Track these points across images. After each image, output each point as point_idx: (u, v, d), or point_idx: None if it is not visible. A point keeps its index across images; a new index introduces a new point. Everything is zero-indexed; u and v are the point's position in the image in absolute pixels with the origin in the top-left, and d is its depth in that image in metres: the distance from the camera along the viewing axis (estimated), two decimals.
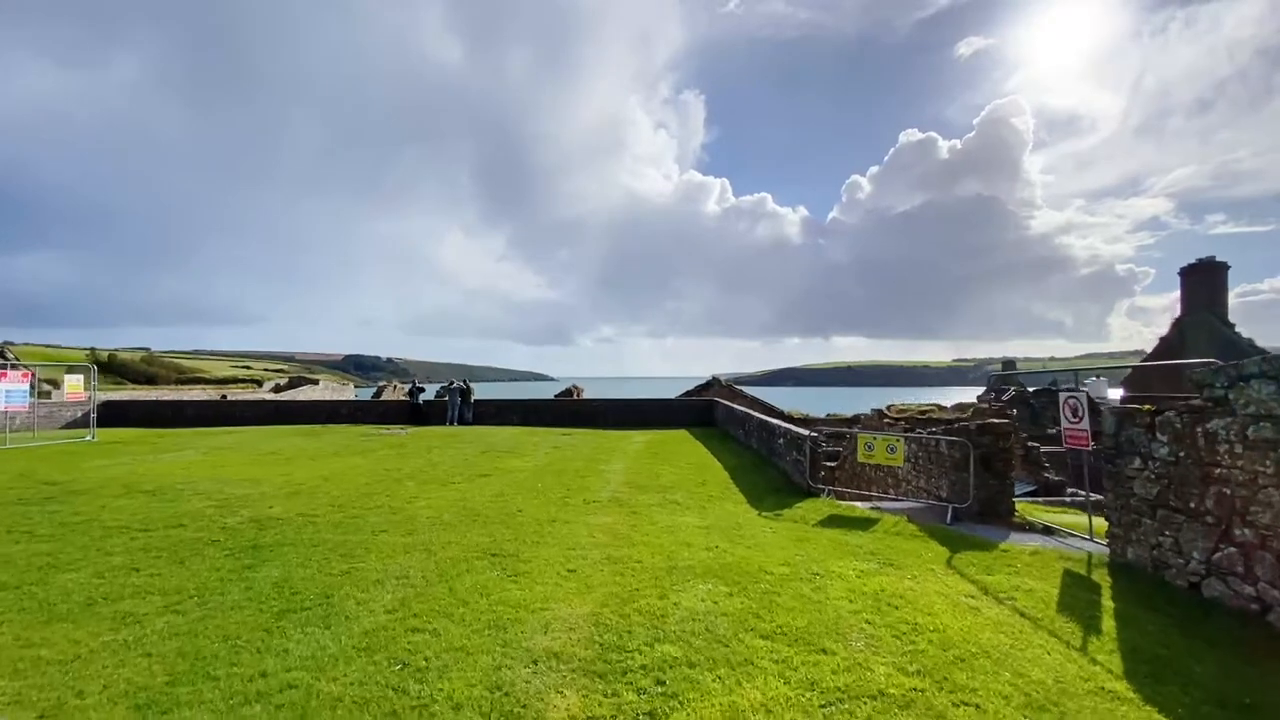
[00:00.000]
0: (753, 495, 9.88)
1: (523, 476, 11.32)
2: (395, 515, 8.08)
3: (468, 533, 7.17)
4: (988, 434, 8.85)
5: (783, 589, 5.32)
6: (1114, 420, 6.17)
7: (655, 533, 7.23)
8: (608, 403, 25.49)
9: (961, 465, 9.15)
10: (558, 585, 5.36)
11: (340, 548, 6.56)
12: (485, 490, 9.89)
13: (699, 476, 11.45)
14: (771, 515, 8.50)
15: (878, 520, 8.27)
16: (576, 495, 9.52)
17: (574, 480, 10.91)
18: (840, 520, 8.26)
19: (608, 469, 12.24)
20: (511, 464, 12.86)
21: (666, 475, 11.54)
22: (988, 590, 5.43)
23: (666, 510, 8.54)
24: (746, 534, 7.28)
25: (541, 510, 8.41)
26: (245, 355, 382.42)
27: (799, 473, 10.69)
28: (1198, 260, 24.56)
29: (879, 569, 6.00)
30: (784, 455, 11.96)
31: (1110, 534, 6.36)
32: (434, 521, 7.71)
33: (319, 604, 4.95)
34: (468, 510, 8.37)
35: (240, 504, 8.75)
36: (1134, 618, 4.89)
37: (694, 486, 10.46)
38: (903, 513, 9.15)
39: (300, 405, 25.64)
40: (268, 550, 6.49)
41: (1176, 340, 24.83)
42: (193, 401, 26.53)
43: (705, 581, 5.50)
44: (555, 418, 24.36)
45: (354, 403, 26.34)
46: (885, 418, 18.88)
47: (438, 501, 8.96)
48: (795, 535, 7.32)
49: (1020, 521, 8.58)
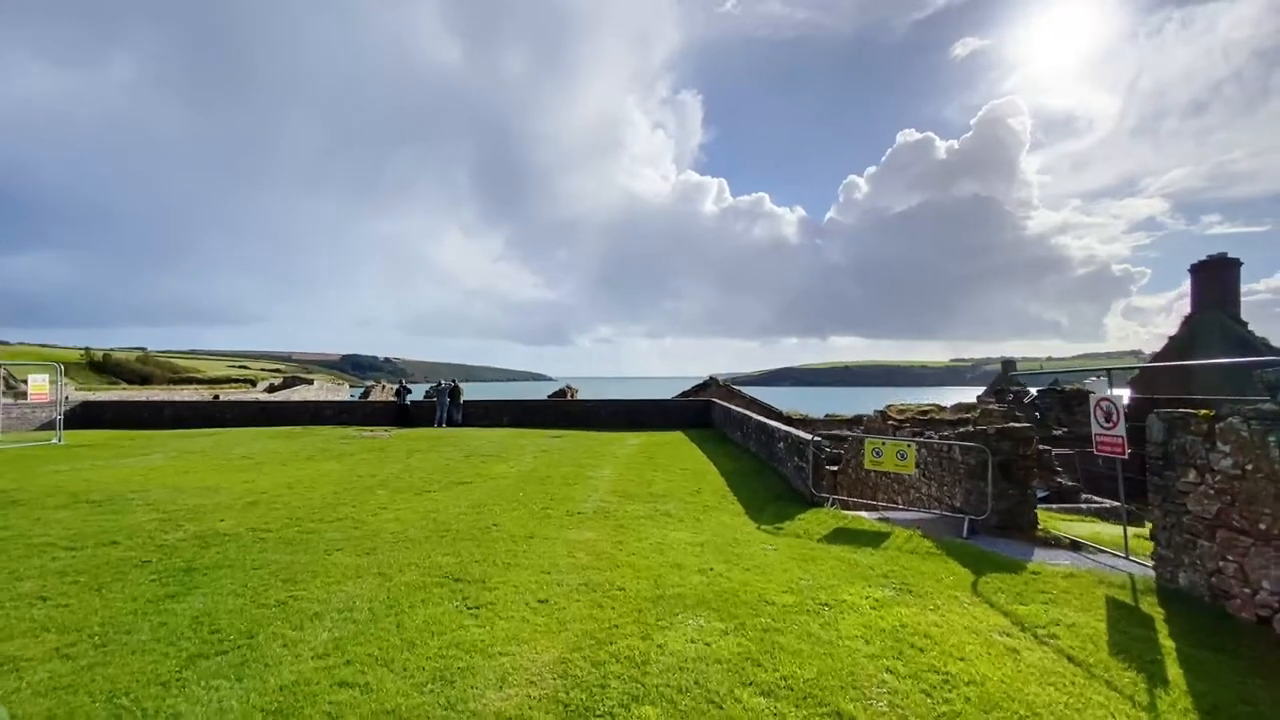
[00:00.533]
0: (751, 505, 9.12)
1: (505, 484, 10.55)
2: (356, 530, 7.30)
3: (432, 552, 6.39)
4: (1007, 439, 8.10)
5: (787, 624, 4.56)
6: (1163, 426, 5.42)
7: (643, 551, 6.47)
8: (601, 403, 24.72)
9: (977, 473, 8.41)
10: (524, 621, 4.59)
11: (284, 571, 5.78)
12: (461, 500, 9.11)
13: (693, 484, 10.69)
14: (772, 529, 7.74)
15: (888, 535, 7.52)
16: (560, 506, 8.75)
17: (559, 488, 10.14)
18: (848, 535, 7.51)
19: (596, 475, 11.47)
20: (494, 470, 12.09)
21: (659, 482, 10.77)
22: (1024, 625, 4.67)
23: (657, 523, 7.78)
24: (745, 552, 6.52)
25: (519, 524, 7.64)
26: (242, 355, 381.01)
27: (800, 480, 9.94)
28: (1208, 257, 23.85)
29: (896, 596, 5.24)
30: (784, 460, 11.21)
31: (1157, 556, 5.61)
32: (397, 538, 6.93)
33: (239, 646, 4.18)
34: (438, 524, 7.59)
35: (189, 517, 7.96)
36: (1201, 662, 4.14)
37: (688, 495, 9.70)
38: (914, 524, 8.41)
39: (284, 406, 24.82)
40: (201, 574, 5.71)
41: (1186, 339, 24.13)
42: (172, 402, 25.70)
43: (697, 614, 4.74)
44: (547, 419, 23.58)
45: (340, 404, 25.55)
46: (889, 419, 18.15)
47: (407, 514, 8.18)
48: (799, 553, 6.56)
49: (1044, 536, 7.83)
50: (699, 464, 13.04)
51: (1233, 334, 22.97)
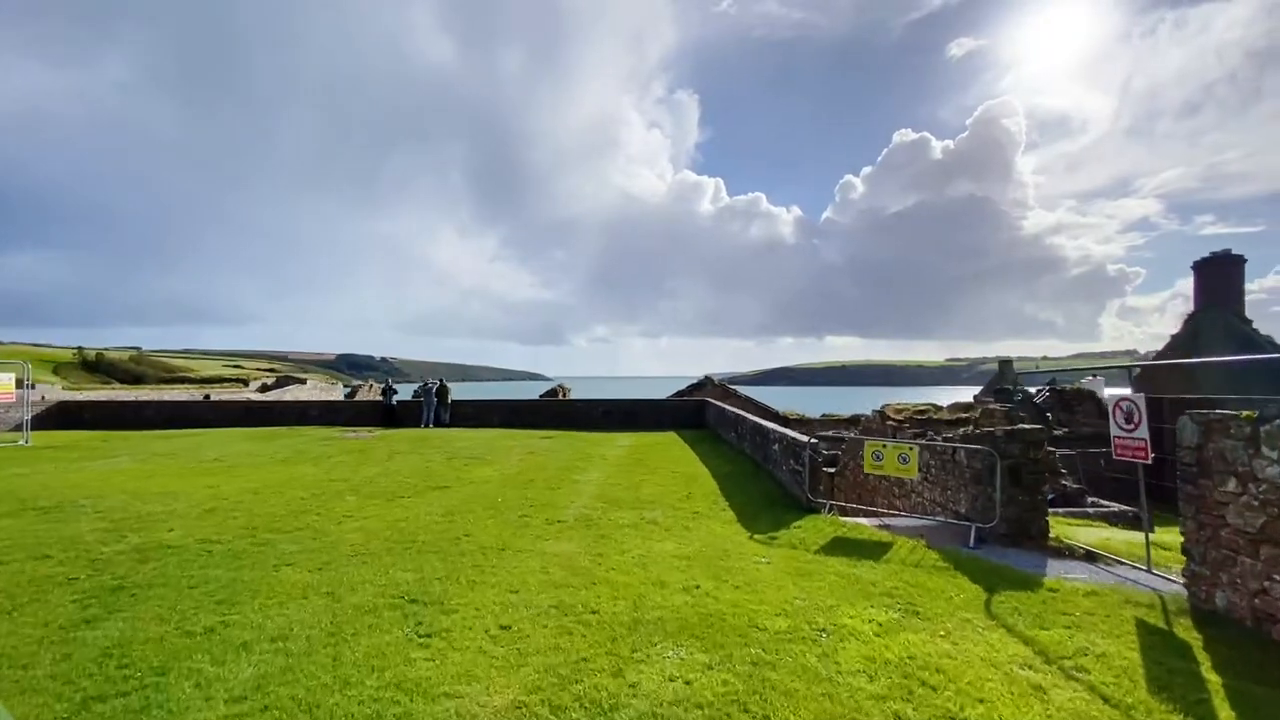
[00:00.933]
0: (744, 512, 8.57)
1: (485, 489, 9.99)
2: (315, 541, 6.73)
3: (392, 566, 5.82)
4: (1016, 441, 7.56)
5: (780, 656, 4.01)
6: (1197, 429, 4.89)
7: (624, 565, 5.91)
8: (593, 403, 24.15)
9: (984, 477, 7.88)
10: (481, 652, 4.03)
11: (224, 589, 5.21)
12: (435, 507, 8.54)
13: (684, 488, 10.14)
14: (766, 539, 7.18)
15: (890, 545, 6.98)
16: (540, 513, 8.18)
17: (541, 493, 9.58)
18: (847, 545, 6.96)
19: (583, 479, 10.91)
20: (476, 473, 11.52)
21: (647, 487, 10.22)
22: (1048, 655, 4.13)
23: (641, 533, 7.21)
24: (735, 566, 5.97)
25: (492, 534, 7.07)
26: (237, 355, 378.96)
27: (797, 484, 9.40)
28: (1211, 254, 23.43)
29: (902, 619, 4.70)
30: (780, 464, 10.67)
31: (1189, 573, 5.08)
32: (357, 551, 6.36)
33: (145, 686, 3.61)
34: (404, 534, 7.02)
35: (137, 525, 7.37)
36: (1256, 700, 3.61)
37: (677, 501, 9.15)
38: (917, 532, 7.88)
39: (269, 406, 24.21)
40: (130, 594, 5.13)
41: (1189, 337, 23.68)
42: (153, 402, 25.05)
43: (678, 643, 4.18)
44: (538, 419, 23.01)
45: (326, 404, 24.91)
46: (887, 419, 17.60)
47: (374, 522, 7.61)
48: (795, 567, 6.01)
49: (1056, 546, 7.30)
50: (691, 467, 12.49)
51: (1237, 332, 22.55)
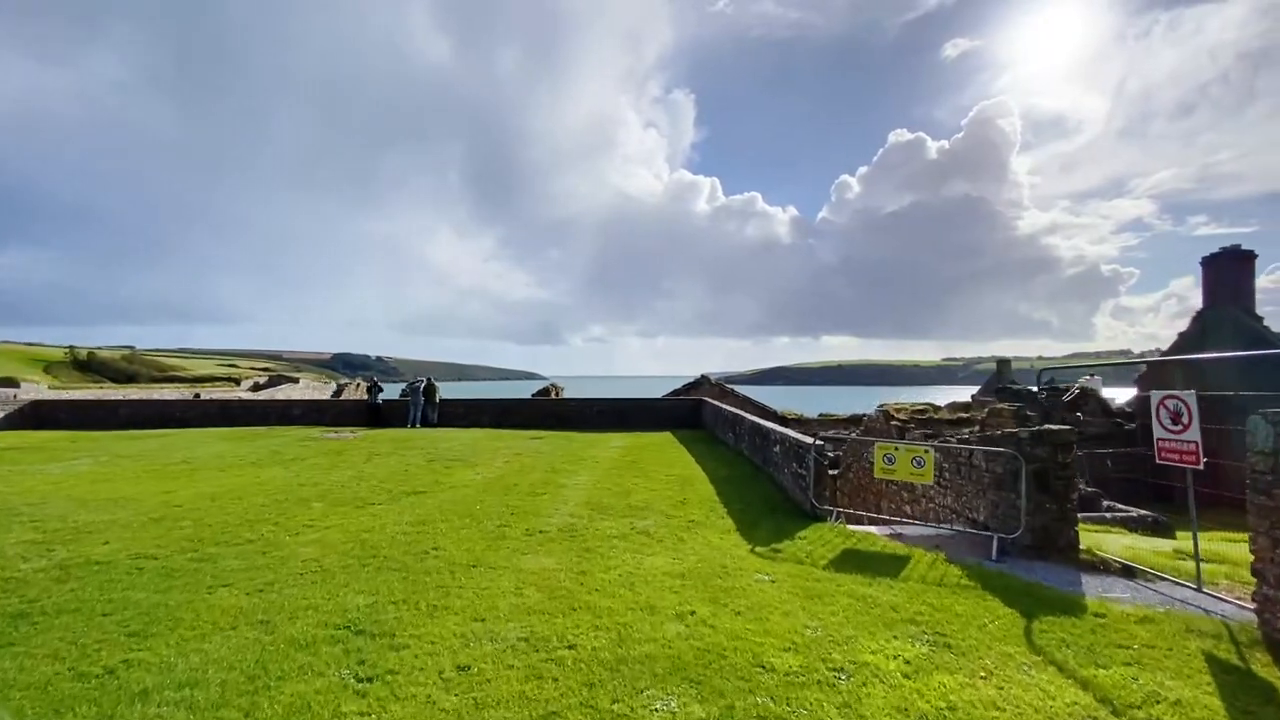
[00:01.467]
0: (744, 520, 7.87)
1: (464, 494, 9.26)
2: (264, 556, 6.00)
3: (345, 587, 5.10)
4: (1044, 444, 6.88)
5: (793, 707, 3.31)
6: (1272, 431, 4.21)
7: (610, 586, 5.20)
8: (587, 403, 23.42)
9: (1006, 483, 7.20)
10: (429, 703, 3.31)
11: (141, 617, 4.48)
12: (406, 515, 7.81)
13: (679, 493, 9.43)
14: (768, 551, 6.48)
15: (907, 559, 6.29)
16: (520, 522, 7.46)
17: (524, 499, 8.86)
18: (859, 559, 6.27)
19: (571, 483, 10.19)
20: (457, 477, 10.79)
21: (640, 491, 9.51)
22: (1114, 705, 3.43)
23: (631, 546, 6.50)
24: (735, 586, 5.26)
25: (465, 547, 6.34)
26: (232, 354, 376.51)
27: (800, 489, 8.72)
28: (1221, 249, 22.84)
29: (932, 654, 4.00)
30: (781, 466, 9.98)
31: (1262, 597, 4.40)
32: (309, 568, 5.64)
33: None
34: (366, 547, 6.30)
35: (70, 537, 6.63)
36: None
37: (671, 507, 8.44)
38: (932, 543, 7.20)
39: (251, 406, 23.41)
40: (31, 622, 4.40)
41: (1198, 335, 23.10)
42: (130, 402, 24.19)
43: (668, 689, 3.48)
44: (529, 419, 22.27)
45: (310, 403, 24.10)
46: (892, 419, 16.87)
47: (335, 534, 6.88)
48: (803, 586, 5.31)
49: (1089, 559, 6.62)
50: (686, 469, 11.78)
51: (1247, 329, 21.96)
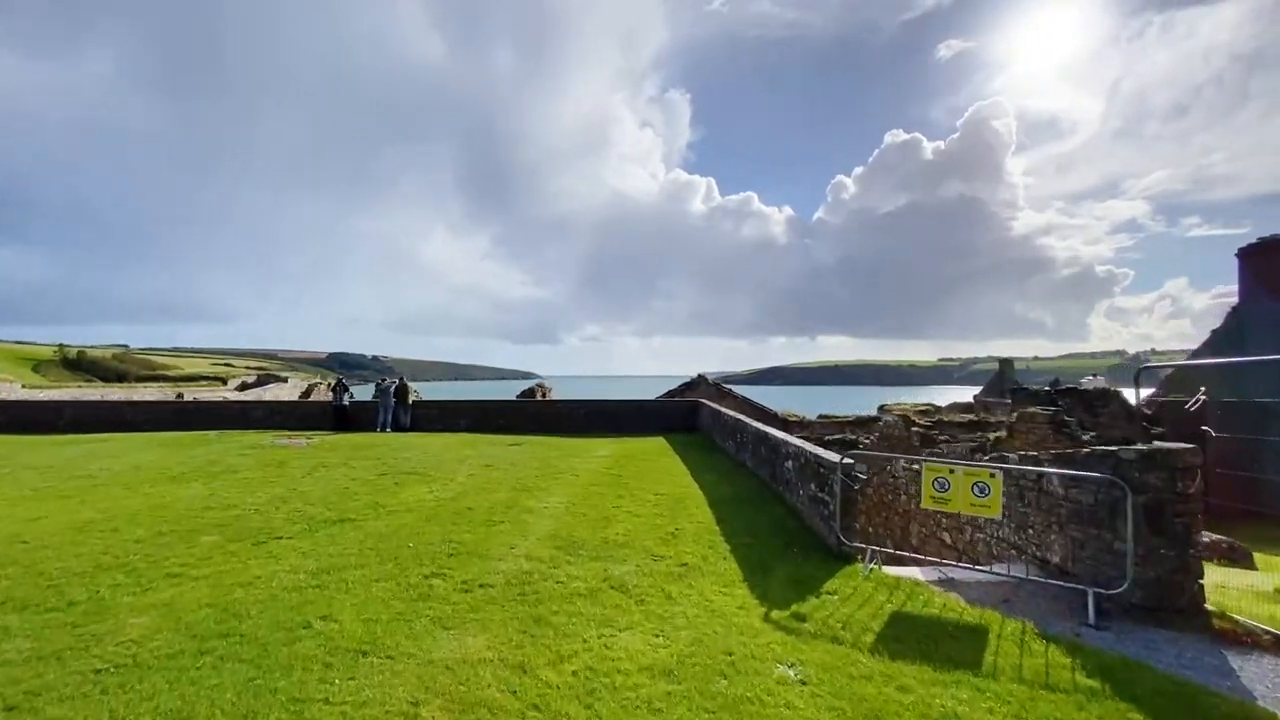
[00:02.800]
0: (751, 560, 6.09)
1: (403, 522, 7.46)
2: (71, 632, 4.19)
3: (143, 703, 3.30)
4: (1159, 468, 5.11)
5: None
6: None
7: (556, 697, 3.41)
8: (575, 405, 21.60)
9: (1098, 517, 5.44)
10: None
11: None
12: (312, 557, 6.00)
13: (670, 520, 7.65)
14: (789, 618, 4.70)
15: (984, 632, 4.52)
16: (459, 569, 5.66)
17: (476, 531, 7.05)
18: (915, 630, 4.50)
19: (540, 506, 8.39)
20: (406, 496, 8.98)
21: (621, 518, 7.72)
22: None
23: (601, 610, 4.71)
24: (750, 693, 3.48)
25: (366, 615, 4.54)
26: (226, 353, 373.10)
27: (821, 517, 6.95)
28: (1260, 239, 21.16)
29: None
30: (795, 486, 8.20)
31: None
32: (118, 656, 3.83)
33: None
34: (225, 617, 4.49)
35: None
36: None
37: (659, 542, 6.65)
38: (998, 595, 5.46)
39: (207, 407, 21.57)
40: None
41: (1234, 332, 21.39)
42: (75, 403, 22.29)
43: None
44: (511, 423, 20.44)
45: (273, 404, 22.19)
46: (914, 425, 14.98)
47: (199, 590, 5.07)
48: (849, 691, 3.54)
49: (1226, 627, 4.87)
50: (680, 486, 9.98)
51: None
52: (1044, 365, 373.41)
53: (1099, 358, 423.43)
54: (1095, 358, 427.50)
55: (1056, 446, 13.10)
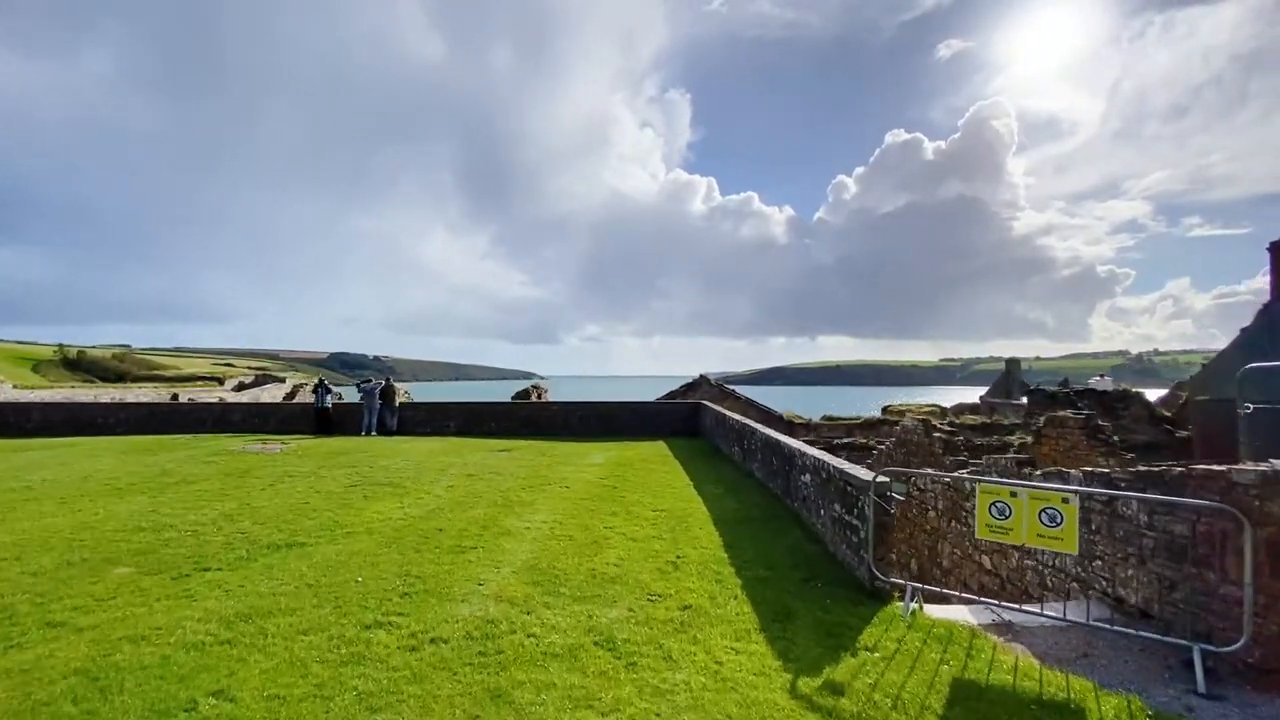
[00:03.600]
0: (768, 602, 5.04)
1: (359, 548, 6.41)
2: None
3: None
4: None
5: None
6: None
7: None
8: (569, 407, 20.55)
9: (1198, 554, 4.40)
10: None
11: None
12: (237, 596, 4.96)
13: (670, 545, 6.60)
14: (822, 690, 3.65)
15: (1078, 714, 3.47)
16: (411, 614, 4.61)
17: (441, 560, 6.01)
18: (985, 705, 3.45)
19: (521, 526, 7.35)
20: (371, 513, 7.94)
21: (614, 542, 6.67)
22: None
23: (578, 682, 3.65)
24: None
25: (269, 692, 3.48)
26: (228, 353, 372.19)
27: (847, 544, 5.92)
28: None
29: None
30: (814, 504, 7.15)
31: None
32: None
33: None
34: (91, 689, 3.44)
35: None
36: None
37: (657, 576, 5.61)
38: (1071, 649, 4.43)
39: (181, 409, 20.55)
40: None
41: (1265, 331, 20.33)
42: (44, 405, 21.28)
43: None
44: (503, 426, 19.42)
45: (253, 407, 21.15)
46: (935, 431, 13.75)
47: (70, 649, 4.02)
48: None
49: None
50: (681, 500, 8.93)
51: None
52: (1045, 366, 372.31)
53: (1101, 358, 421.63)
54: (1097, 358, 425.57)
55: (1091, 455, 12.04)
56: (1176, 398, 33.05)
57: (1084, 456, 12.11)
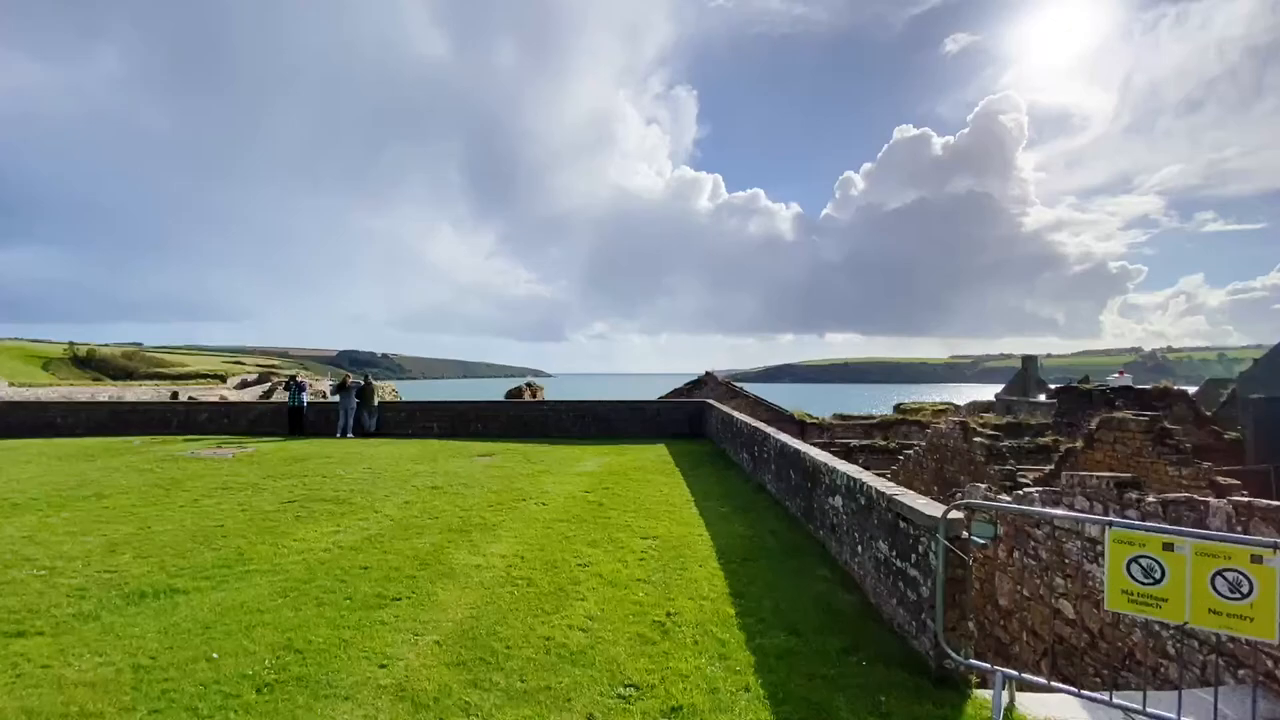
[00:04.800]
0: (794, 697, 3.44)
1: (247, 598, 4.85)
2: None
3: None
4: None
5: None
6: None
7: None
8: (562, 406, 18.94)
9: None
10: None
11: None
12: (26, 684, 3.42)
13: (661, 593, 5.00)
14: None
15: None
16: None
17: (348, 617, 4.44)
18: None
19: (472, 562, 5.77)
20: (295, 540, 6.38)
21: (588, 588, 5.08)
22: None
23: None
24: None
25: None
26: (238, 351, 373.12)
27: (899, 599, 4.31)
28: None
29: None
30: (848, 538, 5.52)
31: None
32: None
33: None
34: None
35: None
36: None
37: (637, 649, 4.01)
38: None
39: (147, 409, 19.16)
40: None
41: None
42: (2, 404, 19.95)
43: None
44: (490, 427, 17.87)
45: (222, 406, 19.68)
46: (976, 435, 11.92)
47: None
48: None
49: None
50: (679, 524, 7.31)
51: None
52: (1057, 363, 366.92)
53: (1113, 355, 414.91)
54: (1109, 355, 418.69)
55: (1158, 465, 10.33)
56: (1215, 395, 31.02)
57: (1149, 467, 10.39)
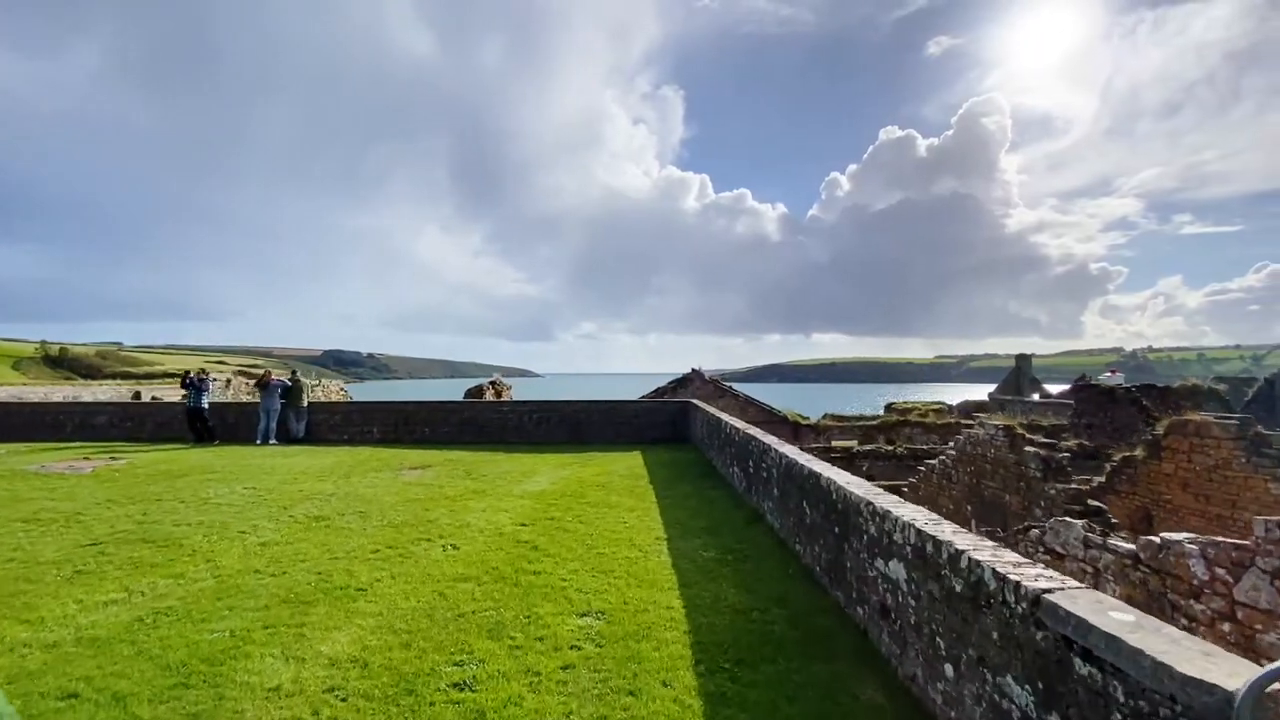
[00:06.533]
0: None
1: None
2: None
3: None
4: None
5: None
6: None
7: None
8: (527, 408, 16.47)
9: None
10: None
11: None
12: None
13: None
14: None
15: None
16: None
17: None
18: None
19: (273, 681, 3.40)
20: (21, 624, 3.98)
21: None
22: None
23: None
24: None
25: None
26: (221, 350, 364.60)
27: None
28: None
29: None
30: (918, 637, 3.21)
31: None
32: None
33: None
34: None
35: None
36: None
37: None
38: None
39: (42, 411, 16.47)
40: None
41: None
42: None
43: None
44: (438, 432, 15.39)
45: (125, 407, 16.92)
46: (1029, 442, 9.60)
47: None
48: None
49: None
50: (641, 586, 4.96)
51: None
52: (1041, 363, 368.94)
53: (1096, 355, 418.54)
54: (1092, 355, 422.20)
55: (1255, 481, 8.16)
56: (1240, 393, 29.35)
57: (1241, 483, 8.25)
